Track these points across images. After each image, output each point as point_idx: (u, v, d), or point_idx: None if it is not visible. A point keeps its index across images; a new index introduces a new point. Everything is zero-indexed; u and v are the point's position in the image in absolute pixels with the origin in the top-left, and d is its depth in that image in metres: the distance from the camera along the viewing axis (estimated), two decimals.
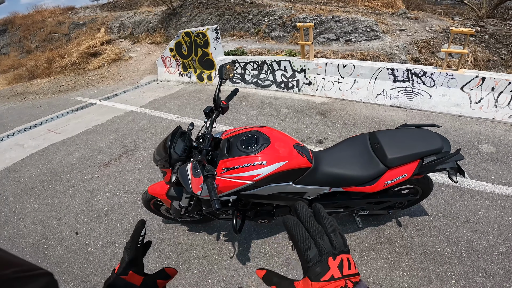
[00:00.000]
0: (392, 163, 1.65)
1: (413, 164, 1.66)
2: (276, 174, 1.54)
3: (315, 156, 1.75)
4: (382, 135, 1.78)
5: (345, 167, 1.70)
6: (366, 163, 1.71)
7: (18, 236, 2.68)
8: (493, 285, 1.82)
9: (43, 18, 15.30)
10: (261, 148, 1.56)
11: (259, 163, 1.51)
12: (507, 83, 3.57)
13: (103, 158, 3.77)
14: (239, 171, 1.51)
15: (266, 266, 2.07)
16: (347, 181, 1.69)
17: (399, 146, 1.69)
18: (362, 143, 1.82)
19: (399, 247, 2.14)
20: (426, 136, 1.74)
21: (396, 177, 1.67)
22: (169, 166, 1.55)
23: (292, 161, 1.56)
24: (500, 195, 2.54)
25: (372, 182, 1.69)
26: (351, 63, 4.59)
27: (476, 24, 7.33)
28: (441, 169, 1.73)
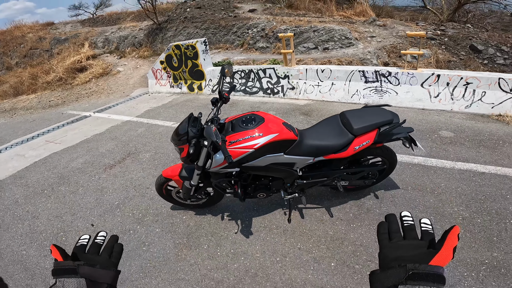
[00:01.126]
0: (357, 132, 2.15)
1: (373, 133, 2.17)
2: (270, 144, 1.99)
3: (300, 132, 2.23)
4: (349, 113, 2.31)
5: (323, 139, 2.18)
6: (339, 134, 2.20)
7: (35, 231, 2.91)
8: (463, 246, 2.13)
9: (23, 34, 15.15)
10: (258, 124, 2.03)
11: (257, 135, 1.98)
12: (460, 78, 4.18)
13: (107, 161, 4.05)
14: (242, 142, 1.97)
15: (267, 238, 2.44)
16: (326, 150, 2.16)
17: (362, 119, 2.20)
18: (334, 121, 2.34)
19: (378, 215, 2.55)
20: (381, 112, 2.27)
21: (362, 143, 2.16)
22: (187, 142, 1.95)
23: (282, 134, 2.04)
24: (459, 170, 3.04)
25: (345, 149, 2.17)
26: (328, 68, 5.13)
27: (437, 28, 8.16)
28: (397, 139, 2.25)
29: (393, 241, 0.54)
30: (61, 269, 0.52)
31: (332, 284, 1.98)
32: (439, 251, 0.48)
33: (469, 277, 1.93)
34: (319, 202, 2.75)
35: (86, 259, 0.57)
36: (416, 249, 0.51)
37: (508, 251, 2.07)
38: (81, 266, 0.53)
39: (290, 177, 2.31)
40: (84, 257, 0.57)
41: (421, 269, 0.45)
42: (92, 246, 0.60)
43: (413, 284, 0.44)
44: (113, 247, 0.62)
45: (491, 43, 6.94)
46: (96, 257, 0.58)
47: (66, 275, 0.52)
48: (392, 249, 0.53)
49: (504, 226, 2.28)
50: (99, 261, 0.57)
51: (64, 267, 0.53)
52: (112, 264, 0.58)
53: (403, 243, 0.53)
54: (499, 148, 3.37)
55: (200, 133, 1.99)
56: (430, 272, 0.45)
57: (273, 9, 9.55)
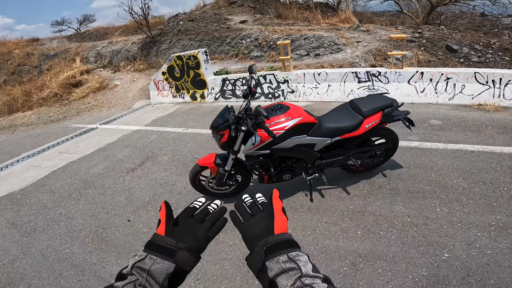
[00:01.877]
0: (366, 113, 2.59)
1: (378, 114, 2.61)
2: (296, 126, 2.41)
3: (318, 118, 2.66)
4: (357, 100, 2.78)
5: (339, 122, 2.61)
6: (351, 117, 2.63)
7: (73, 230, 3.10)
8: (470, 211, 2.47)
9: (9, 50, 14.93)
10: (285, 111, 2.47)
11: (286, 119, 2.40)
12: (440, 74, 4.72)
13: (128, 165, 4.27)
14: (275, 125, 2.40)
15: (294, 216, 2.75)
16: (342, 130, 2.59)
17: (368, 104, 2.66)
18: (345, 107, 2.79)
19: (389, 190, 2.91)
20: (383, 98, 2.75)
21: (371, 122, 2.59)
22: (228, 127, 2.32)
23: (305, 118, 2.47)
24: (451, 150, 3.48)
25: (357, 128, 2.60)
26: (324, 71, 5.60)
27: (415, 31, 8.88)
28: (398, 119, 2.73)
29: (245, 222, 0.59)
30: (160, 247, 0.52)
31: (363, 248, 2.30)
32: (274, 218, 0.56)
33: (482, 236, 2.23)
34: (335, 183, 3.10)
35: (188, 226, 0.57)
36: (262, 220, 0.57)
37: (509, 214, 2.40)
38: (181, 250, 0.52)
39: (311, 158, 2.68)
40: (186, 222, 0.58)
41: (269, 241, 0.51)
42: (200, 212, 0.61)
43: (272, 257, 0.49)
44: (218, 219, 0.61)
45: (464, 42, 7.66)
46: (196, 228, 0.58)
47: (161, 255, 0.51)
48: (247, 230, 0.57)
49: (500, 193, 2.66)
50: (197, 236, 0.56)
51: (164, 245, 0.52)
52: (207, 240, 0.58)
53: (252, 221, 0.58)
54: (483, 131, 3.86)
55: (237, 120, 2.34)
56: (278, 241, 0.51)
57: (263, 19, 10.09)
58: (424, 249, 2.19)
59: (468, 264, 2.03)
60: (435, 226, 2.39)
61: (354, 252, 2.26)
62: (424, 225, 2.41)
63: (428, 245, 2.21)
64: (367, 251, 2.25)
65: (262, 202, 0.62)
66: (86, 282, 2.42)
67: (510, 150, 3.34)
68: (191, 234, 0.57)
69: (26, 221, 3.37)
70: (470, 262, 2.04)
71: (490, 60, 7.30)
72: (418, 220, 2.48)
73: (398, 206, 2.67)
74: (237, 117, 2.42)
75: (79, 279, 2.46)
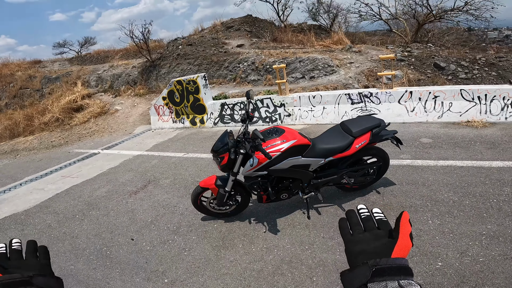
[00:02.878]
0: (356, 134, 2.77)
1: (367, 134, 2.80)
2: (291, 148, 2.59)
3: (312, 139, 2.85)
4: (347, 122, 2.97)
5: (331, 143, 2.80)
6: (342, 138, 2.81)
7: (78, 248, 3.18)
8: (461, 222, 2.59)
9: (11, 72, 14.96)
10: (280, 134, 2.67)
11: (282, 141, 2.59)
12: (428, 93, 4.97)
13: (130, 189, 4.39)
14: (271, 148, 2.57)
15: (292, 233, 2.86)
16: (334, 151, 2.76)
17: (358, 125, 2.85)
18: (336, 129, 2.99)
19: (383, 205, 3.04)
20: (371, 119, 2.95)
21: (361, 142, 2.77)
22: (227, 150, 2.49)
23: (299, 140, 2.65)
24: (441, 166, 3.64)
25: (348, 148, 2.77)
26: (319, 94, 5.86)
27: (404, 50, 9.28)
28: (386, 139, 2.92)
29: (355, 234, 0.55)
30: (13, 283, 0.49)
31: None
32: (397, 240, 0.50)
33: (474, 245, 2.35)
34: (331, 201, 3.22)
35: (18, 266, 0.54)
36: (377, 239, 0.53)
37: (499, 223, 2.53)
38: (35, 277, 0.51)
39: (307, 177, 2.83)
40: (13, 264, 0.54)
41: (383, 263, 0.47)
42: (12, 253, 0.57)
43: (380, 280, 0.45)
44: (36, 250, 0.59)
45: (451, 59, 8.02)
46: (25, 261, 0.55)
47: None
48: (355, 243, 0.54)
49: (489, 205, 2.80)
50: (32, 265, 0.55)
51: (16, 280, 0.49)
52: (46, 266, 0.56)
53: (364, 236, 0.54)
54: (472, 147, 4.04)
55: (236, 144, 2.51)
56: (393, 265, 0.46)
57: (260, 43, 10.55)
58: (418, 259, 2.29)
59: (462, 271, 2.13)
60: (427, 237, 2.50)
61: None
62: (417, 236, 2.52)
63: (422, 255, 2.32)
64: None
65: (380, 219, 0.58)
66: None
67: (498, 164, 3.50)
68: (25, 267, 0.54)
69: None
70: (463, 269, 2.14)
71: (477, 76, 7.61)
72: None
73: (391, 221, 2.77)
74: (236, 140, 2.60)
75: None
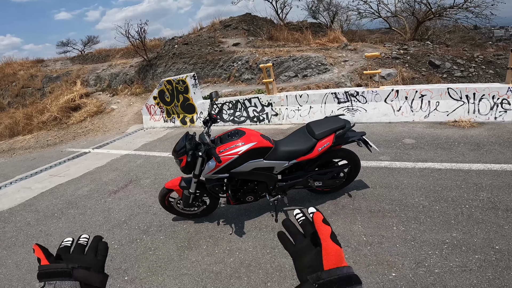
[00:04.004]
0: (318, 136, 2.71)
1: (330, 137, 2.73)
2: (251, 151, 2.54)
3: (275, 142, 2.79)
4: (312, 123, 2.90)
5: (293, 145, 2.74)
6: (305, 140, 2.75)
7: (49, 246, 2.99)
8: (425, 229, 2.51)
9: (14, 71, 15.25)
10: (240, 136, 2.61)
11: (239, 144, 2.54)
12: (415, 92, 4.86)
13: (111, 188, 4.43)
14: (229, 150, 2.52)
15: (258, 235, 2.84)
16: (297, 153, 2.70)
17: (321, 127, 2.78)
18: (301, 131, 2.92)
19: (352, 210, 2.99)
20: (336, 120, 2.87)
21: (324, 145, 2.70)
22: (185, 153, 2.47)
23: (260, 142, 2.60)
24: (419, 169, 3.56)
25: (311, 151, 2.71)
26: (305, 93, 5.80)
27: (401, 48, 9.10)
28: (352, 141, 2.83)
29: (296, 245, 0.52)
30: (54, 272, 0.50)
31: None
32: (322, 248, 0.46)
33: (433, 254, 2.28)
34: (301, 204, 3.19)
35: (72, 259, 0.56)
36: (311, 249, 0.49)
37: (465, 231, 2.45)
38: (76, 269, 0.52)
39: (272, 180, 2.79)
40: (69, 257, 0.57)
41: (323, 277, 0.43)
42: (76, 247, 0.60)
43: None
44: (97, 246, 0.62)
45: (447, 57, 7.84)
46: (82, 256, 0.58)
47: (58, 278, 0.50)
48: (298, 255, 0.51)
49: (460, 211, 2.71)
50: (87, 260, 0.57)
51: (57, 270, 0.51)
52: (100, 262, 0.58)
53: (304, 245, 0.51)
54: (454, 148, 3.94)
55: (195, 146, 2.49)
56: (335, 277, 0.43)
57: (255, 41, 10.49)
58: (374, 268, 2.25)
59: (413, 284, 2.07)
60: (388, 244, 2.45)
61: None
62: (378, 244, 2.48)
63: (378, 264, 2.27)
64: None
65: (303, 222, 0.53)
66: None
67: (479, 167, 3.41)
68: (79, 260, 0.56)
69: (8, 237, 3.58)
70: (415, 281, 2.09)
71: (473, 74, 7.41)
72: (373, 239, 2.54)
73: (357, 226, 2.75)
74: (197, 143, 2.58)
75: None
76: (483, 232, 2.42)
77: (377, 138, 4.58)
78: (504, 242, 2.28)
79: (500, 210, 2.63)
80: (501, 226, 2.44)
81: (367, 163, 3.83)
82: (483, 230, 2.44)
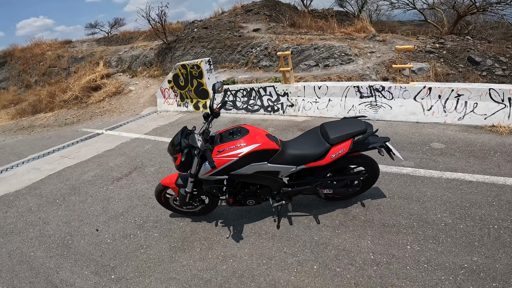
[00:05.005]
0: (333, 141, 2.34)
1: (348, 142, 2.34)
2: (254, 153, 2.21)
3: (282, 143, 2.44)
4: (327, 125, 2.51)
5: (303, 149, 2.38)
6: (318, 144, 2.39)
7: (44, 235, 3.16)
8: (443, 250, 2.22)
9: (42, 51, 15.69)
10: (243, 135, 2.27)
11: (241, 145, 2.21)
12: (451, 90, 4.31)
13: (115, 174, 4.33)
14: (228, 151, 2.21)
15: (256, 242, 2.59)
16: (306, 159, 2.35)
17: (338, 130, 2.39)
18: (314, 132, 2.54)
19: (363, 222, 2.67)
20: (356, 123, 2.45)
21: (338, 152, 2.33)
22: (180, 151, 2.20)
23: (264, 144, 2.26)
24: (446, 179, 3.14)
25: (323, 157, 2.35)
26: (325, 84, 5.36)
27: (436, 41, 8.31)
28: (373, 148, 2.42)
29: None
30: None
31: (313, 285, 2.11)
32: None
33: (446, 280, 2.00)
34: (308, 210, 2.89)
35: None
36: None
37: (488, 255, 2.13)
38: None
39: (276, 185, 2.49)
40: None
41: None
42: None
43: None
44: None
45: (488, 54, 7.04)
46: None
47: None
48: None
49: (487, 231, 2.35)
50: None
51: None
52: None
53: None
54: (490, 158, 3.45)
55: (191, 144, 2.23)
56: None
57: (276, 28, 9.98)
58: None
59: None
60: (398, 266, 2.13)
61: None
62: (387, 264, 2.16)
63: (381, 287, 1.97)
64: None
65: None
66: (36, 285, 2.50)
67: None
68: None
69: (8, 223, 3.53)
70: None
71: None
72: (382, 258, 2.23)
73: (366, 241, 2.43)
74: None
75: (31, 281, 2.55)
76: (508, 257, 2.08)
77: (401, 140, 4.14)
78: None
79: None
80: None
81: (387, 168, 3.45)
82: (508, 255, 2.10)
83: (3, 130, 9.09)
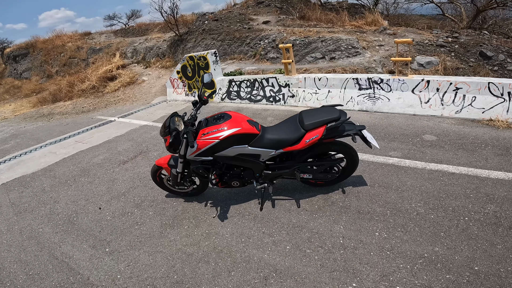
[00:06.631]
0: (307, 127, 2.52)
1: (321, 128, 2.51)
2: (234, 136, 2.45)
3: (263, 128, 2.66)
4: (304, 112, 2.69)
5: (281, 134, 2.58)
6: (294, 130, 2.58)
7: (53, 213, 3.51)
8: (408, 239, 2.30)
9: (63, 43, 16.48)
10: (225, 120, 2.51)
11: (222, 129, 2.45)
12: (449, 84, 4.31)
13: (122, 158, 4.66)
14: (211, 134, 2.46)
15: (239, 222, 2.81)
16: (283, 143, 2.56)
17: (313, 117, 2.56)
18: (293, 119, 2.73)
19: (340, 208, 2.81)
20: (330, 111, 2.61)
21: (312, 137, 2.50)
22: (169, 133, 2.46)
23: (244, 128, 2.49)
24: (429, 170, 3.21)
25: (298, 142, 2.54)
26: (325, 76, 5.44)
27: (450, 35, 8.09)
28: (347, 135, 2.57)
29: None
30: None
31: (283, 263, 2.29)
32: None
33: (403, 269, 2.08)
34: (291, 195, 3.07)
35: None
36: None
37: (450, 247, 2.20)
38: None
39: (258, 168, 2.70)
40: None
41: None
42: None
43: None
44: None
45: (502, 49, 6.81)
46: None
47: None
48: None
49: (456, 223, 2.42)
50: None
51: None
52: None
53: None
54: (479, 151, 3.48)
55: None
56: None
57: (286, 20, 10.00)
58: (338, 274, 2.11)
59: None
60: (363, 251, 2.28)
61: (272, 266, 2.27)
62: (353, 249, 2.32)
63: (343, 271, 2.13)
64: (285, 268, 2.24)
65: None
66: (40, 258, 2.79)
67: (498, 175, 2.99)
68: None
69: (23, 202, 3.89)
70: None
71: None
72: (350, 242, 2.38)
73: (339, 226, 2.58)
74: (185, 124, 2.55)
75: (36, 255, 2.84)
76: (470, 249, 2.16)
77: (394, 131, 4.21)
78: (487, 264, 2.02)
79: (502, 227, 2.31)
80: (494, 245, 2.15)
81: (374, 158, 3.56)
82: (471, 247, 2.18)
83: (25, 117, 9.73)
